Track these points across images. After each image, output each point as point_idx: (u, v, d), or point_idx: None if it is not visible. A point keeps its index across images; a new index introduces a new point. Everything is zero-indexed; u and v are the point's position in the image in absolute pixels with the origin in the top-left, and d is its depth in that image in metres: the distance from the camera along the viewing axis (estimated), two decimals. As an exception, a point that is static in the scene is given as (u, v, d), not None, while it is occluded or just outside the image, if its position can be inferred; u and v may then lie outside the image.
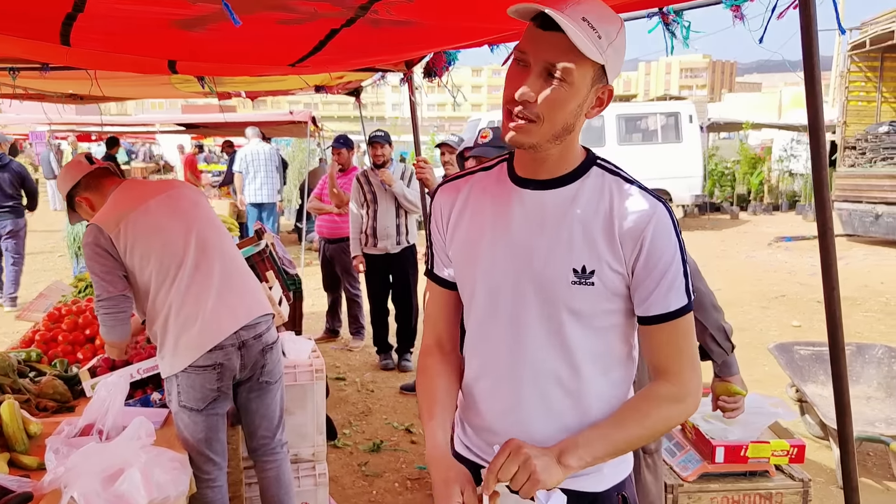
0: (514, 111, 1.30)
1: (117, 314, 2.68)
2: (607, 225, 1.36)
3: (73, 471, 2.25)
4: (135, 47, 2.18)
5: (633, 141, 14.09)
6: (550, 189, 1.40)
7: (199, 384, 2.68)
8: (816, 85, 1.14)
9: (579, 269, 1.36)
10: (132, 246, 2.64)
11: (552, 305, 1.39)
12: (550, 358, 1.41)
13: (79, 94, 5.32)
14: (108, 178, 2.85)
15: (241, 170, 9.73)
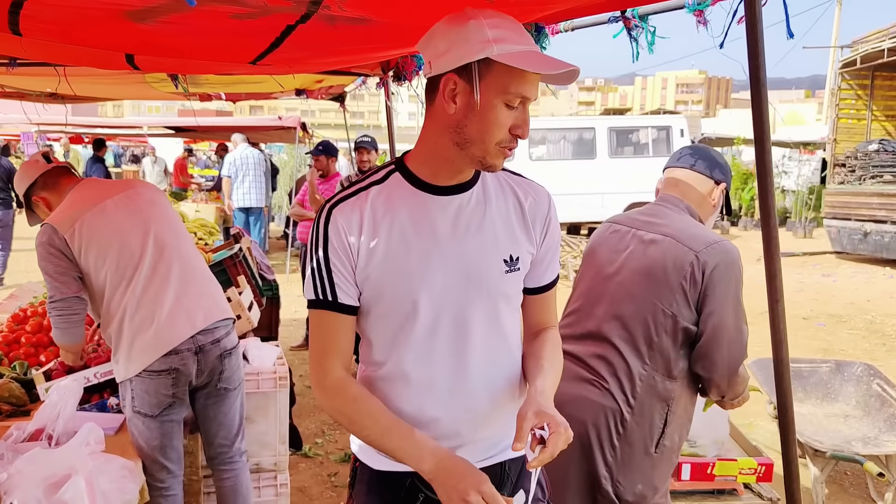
0: (513, 146, 1.40)
1: (70, 316, 2.61)
2: (519, 213, 1.53)
3: (15, 477, 2.19)
4: (89, 39, 2.12)
5: (624, 154, 14.09)
6: (464, 192, 1.49)
7: (154, 389, 2.60)
8: (762, 88, 1.09)
9: (508, 259, 1.50)
10: (87, 247, 2.57)
11: (491, 299, 1.50)
12: (494, 347, 1.54)
13: (59, 94, 5.27)
14: (66, 177, 2.79)
15: (230, 174, 9.69)
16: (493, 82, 1.32)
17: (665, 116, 16.43)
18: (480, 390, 1.53)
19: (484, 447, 1.56)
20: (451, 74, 1.35)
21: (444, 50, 1.35)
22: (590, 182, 13.35)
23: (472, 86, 1.33)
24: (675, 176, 2.28)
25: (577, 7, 1.85)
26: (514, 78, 1.32)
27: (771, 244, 1.11)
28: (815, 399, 4.42)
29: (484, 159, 1.39)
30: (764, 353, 6.55)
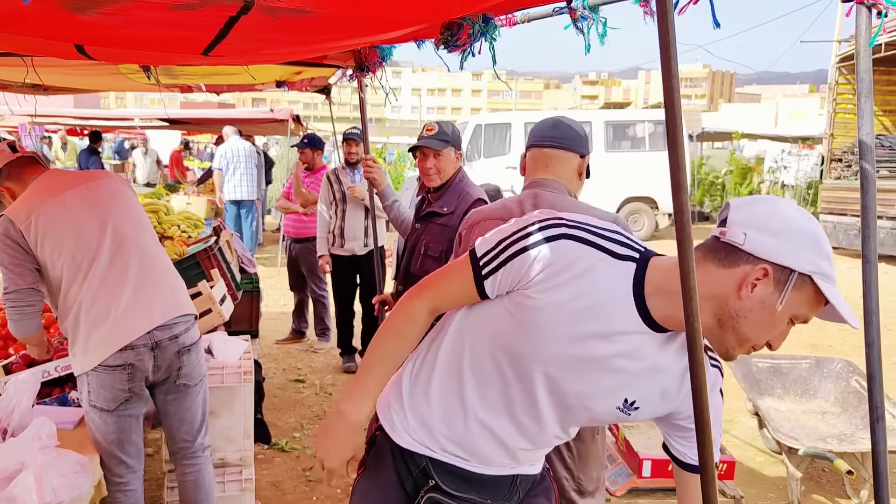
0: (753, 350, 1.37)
1: (24, 308, 2.59)
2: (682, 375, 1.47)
3: (-36, 471, 2.17)
4: (33, 28, 2.10)
5: (620, 148, 14.03)
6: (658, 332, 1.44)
7: (110, 384, 2.58)
8: (674, 79, 1.06)
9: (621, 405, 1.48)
10: (43, 238, 2.55)
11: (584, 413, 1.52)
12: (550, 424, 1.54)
13: (41, 85, 5.24)
14: (32, 167, 2.77)
15: (221, 167, 9.66)
16: (798, 299, 1.26)
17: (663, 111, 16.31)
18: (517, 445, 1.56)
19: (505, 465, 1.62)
20: (768, 265, 1.26)
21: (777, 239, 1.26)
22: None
23: (782, 291, 1.25)
24: (546, 155, 2.26)
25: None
26: (814, 304, 1.27)
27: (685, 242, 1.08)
28: (794, 395, 4.40)
29: (733, 349, 1.33)
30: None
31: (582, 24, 1.87)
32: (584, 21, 1.88)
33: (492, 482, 1.61)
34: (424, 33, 2.29)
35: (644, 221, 14.00)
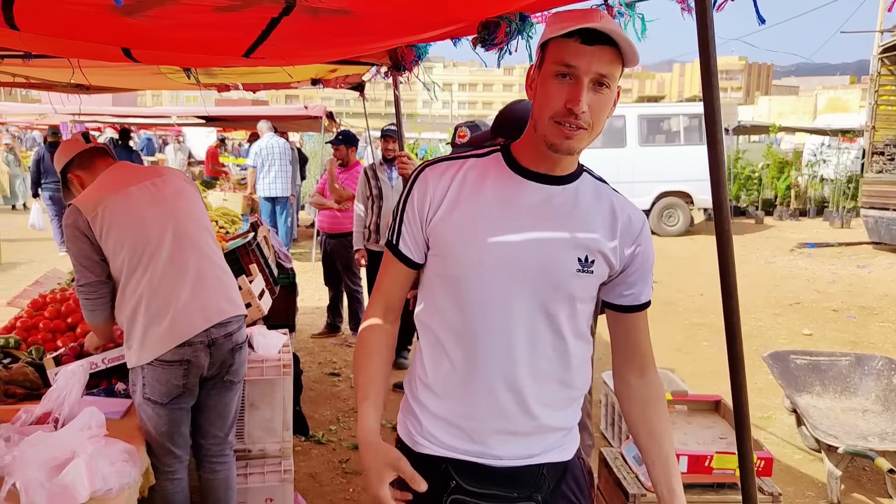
0: (570, 122, 1.40)
1: (97, 300, 2.66)
2: (610, 222, 1.53)
3: (18, 459, 2.25)
4: (82, 33, 2.17)
5: (655, 142, 13.89)
6: (558, 185, 1.51)
7: (165, 379, 2.64)
8: (713, 77, 1.07)
9: (583, 259, 1.49)
10: (108, 231, 2.59)
11: (553, 291, 1.49)
12: (545, 341, 1.52)
13: (84, 84, 5.38)
14: (101, 158, 2.82)
15: (255, 164, 9.78)
16: (550, 58, 1.41)
17: (698, 104, 16.09)
18: (521, 379, 1.51)
19: (524, 444, 1.55)
20: (532, 66, 1.49)
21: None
22: (619, 171, 13.20)
23: (539, 65, 1.45)
24: None
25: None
26: (563, 49, 1.38)
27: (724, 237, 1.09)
28: (834, 393, 4.34)
29: (545, 137, 1.43)
30: (793, 345, 6.45)
31: (619, 20, 1.87)
32: (620, 17, 1.89)
33: (515, 475, 1.55)
34: (461, 31, 2.31)
35: (679, 216, 13.84)
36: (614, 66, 1.40)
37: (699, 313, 7.96)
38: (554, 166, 1.50)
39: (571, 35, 1.37)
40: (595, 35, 1.36)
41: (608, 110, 1.45)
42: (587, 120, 1.40)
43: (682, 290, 9.08)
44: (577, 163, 1.56)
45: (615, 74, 1.41)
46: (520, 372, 1.50)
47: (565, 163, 1.51)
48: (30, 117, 15.70)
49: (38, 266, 9.46)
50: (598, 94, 1.40)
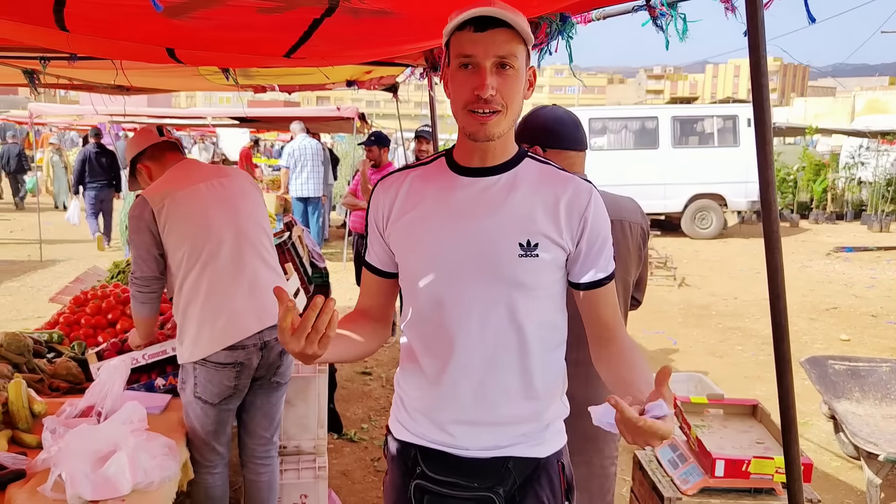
0: (481, 108, 1.44)
1: (148, 293, 2.70)
2: (552, 202, 1.51)
3: (64, 451, 2.30)
4: (129, 34, 2.22)
5: (688, 144, 13.73)
6: (492, 175, 1.54)
7: (217, 380, 2.67)
8: (763, 78, 1.06)
9: (525, 244, 1.49)
10: (172, 225, 2.63)
11: (499, 281, 1.51)
12: (499, 331, 1.53)
13: (123, 86, 5.48)
14: (172, 152, 2.85)
15: (288, 165, 9.89)
16: (452, 53, 1.47)
17: (732, 105, 15.89)
18: (477, 368, 1.54)
19: (488, 435, 1.57)
20: (443, 67, 1.54)
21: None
22: (652, 173, 13.08)
23: (447, 64, 1.50)
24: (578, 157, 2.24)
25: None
26: (460, 41, 1.44)
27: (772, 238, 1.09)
28: (874, 400, 4.25)
29: (464, 128, 1.48)
30: (829, 351, 6.34)
31: (661, 20, 1.86)
32: (662, 18, 1.88)
33: (480, 466, 1.57)
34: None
35: (712, 219, 13.66)
36: (512, 45, 1.42)
37: (733, 317, 7.85)
38: (485, 157, 1.54)
39: (464, 26, 1.42)
40: (486, 20, 1.40)
41: (520, 89, 1.47)
42: (499, 102, 1.43)
43: (715, 294, 8.97)
44: (517, 150, 1.58)
45: (516, 53, 1.43)
46: (474, 361, 1.54)
47: (496, 151, 1.53)
48: (68, 118, 16.04)
49: (77, 263, 9.67)
50: (503, 76, 1.43)
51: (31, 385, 2.85)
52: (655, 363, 6.25)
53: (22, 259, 10.25)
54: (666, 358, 6.41)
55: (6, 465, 2.33)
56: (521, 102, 1.50)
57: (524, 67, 1.47)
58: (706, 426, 3.00)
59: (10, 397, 2.64)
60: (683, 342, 6.89)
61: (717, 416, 3.09)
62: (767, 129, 1.17)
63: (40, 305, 7.35)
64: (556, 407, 1.64)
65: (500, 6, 1.41)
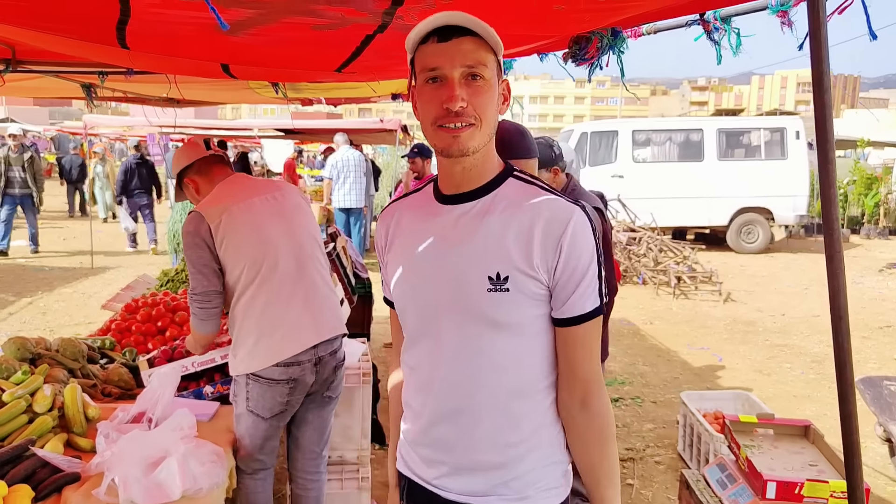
0: (452, 122, 1.34)
1: (210, 309, 2.67)
2: (527, 229, 1.37)
3: (117, 456, 2.36)
4: (186, 50, 2.28)
5: (734, 156, 13.50)
6: (469, 202, 1.44)
7: (271, 395, 2.68)
8: (826, 94, 1.04)
9: (494, 277, 1.38)
10: (230, 240, 2.63)
11: (468, 316, 1.41)
12: (473, 370, 1.43)
13: (174, 98, 5.63)
14: (220, 166, 2.85)
15: (331, 176, 10.02)
16: (417, 68, 1.39)
17: (780, 118, 15.57)
18: (452, 411, 1.46)
19: (466, 479, 1.47)
20: (410, 86, 1.45)
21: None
22: (696, 185, 12.89)
23: (414, 82, 1.43)
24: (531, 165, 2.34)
25: (654, 11, 1.81)
26: (425, 55, 1.36)
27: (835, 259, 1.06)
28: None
29: (436, 145, 1.39)
30: (883, 371, 6.15)
31: (715, 34, 1.85)
32: (716, 32, 1.86)
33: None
34: (548, 47, 2.32)
35: (759, 233, 13.39)
36: (480, 53, 1.33)
37: (780, 334, 7.67)
38: (463, 180, 1.43)
39: (427, 39, 1.35)
40: (449, 30, 1.32)
41: (493, 101, 1.37)
42: (471, 114, 1.34)
43: (762, 310, 8.78)
44: (500, 170, 1.46)
45: (485, 61, 1.34)
46: (450, 402, 1.45)
47: (474, 172, 1.43)
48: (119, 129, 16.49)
49: (126, 271, 9.92)
50: (473, 87, 1.33)
51: (84, 390, 2.93)
52: (700, 380, 6.14)
53: (74, 266, 10.55)
54: (711, 374, 6.29)
55: (62, 468, 2.39)
56: (496, 116, 1.39)
57: (496, 78, 1.37)
58: (756, 446, 2.93)
59: (67, 402, 2.72)
60: (729, 359, 6.75)
61: (767, 436, 3.02)
62: (830, 147, 1.15)
63: (91, 311, 7.54)
64: (541, 457, 1.47)
65: (462, 15, 1.32)
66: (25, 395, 2.66)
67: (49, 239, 12.91)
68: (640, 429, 4.96)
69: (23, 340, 3.19)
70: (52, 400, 2.70)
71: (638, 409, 5.37)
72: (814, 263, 12.40)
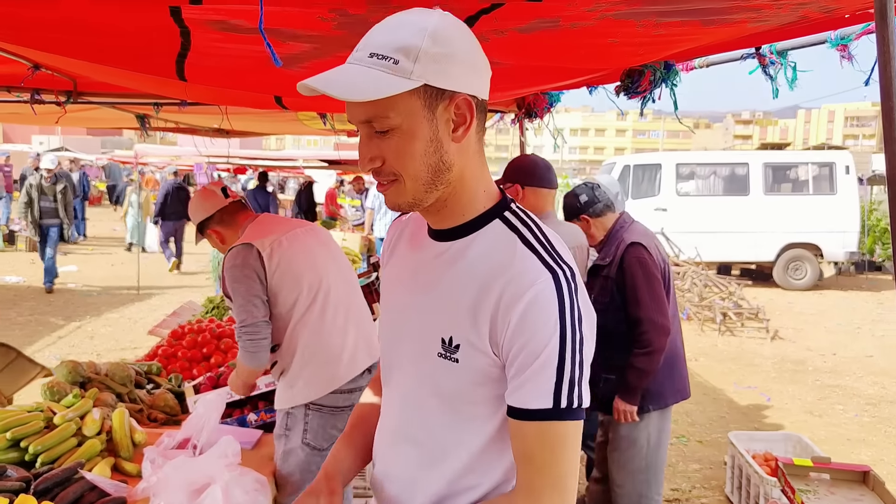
0: (377, 180, 1.18)
1: (260, 340, 2.60)
2: (482, 293, 1.14)
3: (163, 481, 2.38)
4: (242, 83, 2.34)
5: (780, 191, 13.27)
6: (447, 240, 1.23)
7: (332, 424, 2.64)
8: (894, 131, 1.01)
9: (446, 340, 1.18)
10: (285, 265, 2.63)
11: (419, 375, 1.25)
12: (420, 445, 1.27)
13: (224, 129, 5.77)
14: (243, 212, 2.84)
15: (373, 206, 10.12)
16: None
17: (829, 152, 15.28)
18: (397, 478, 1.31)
19: None
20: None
21: None
22: (742, 220, 12.68)
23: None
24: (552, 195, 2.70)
25: (709, 45, 1.80)
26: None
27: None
28: None
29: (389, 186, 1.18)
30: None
31: (770, 69, 1.82)
32: (772, 66, 1.84)
33: None
34: (598, 80, 2.32)
35: (807, 269, 13.07)
36: (378, 103, 1.07)
37: (832, 374, 7.43)
38: (434, 220, 1.24)
39: None
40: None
41: (414, 149, 1.11)
42: (389, 171, 1.13)
43: (811, 349, 8.53)
44: (487, 205, 1.21)
45: (386, 109, 1.08)
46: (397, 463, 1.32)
47: (445, 214, 1.21)
48: (168, 158, 16.94)
49: (171, 296, 10.10)
50: (384, 139, 1.11)
51: (131, 415, 2.97)
52: (748, 420, 5.96)
53: (121, 291, 10.79)
54: (759, 414, 6.11)
55: (109, 491, 2.41)
56: (431, 159, 1.13)
57: (422, 112, 1.10)
58: (811, 491, 2.83)
59: (114, 426, 2.75)
60: (778, 399, 6.56)
61: (822, 480, 2.91)
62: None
63: (137, 336, 7.69)
64: None
65: (357, 55, 1.11)
66: (75, 419, 2.70)
67: (97, 264, 13.26)
68: (685, 469, 4.83)
69: (74, 364, 3.26)
70: (100, 424, 2.73)
71: (683, 448, 5.23)
72: (864, 302, 12.05)
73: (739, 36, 1.75)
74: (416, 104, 1.10)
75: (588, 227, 3.13)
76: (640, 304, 2.91)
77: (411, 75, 1.07)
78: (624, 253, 2.98)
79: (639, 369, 2.92)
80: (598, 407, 3.13)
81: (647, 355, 2.91)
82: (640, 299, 2.91)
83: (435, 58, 1.08)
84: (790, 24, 1.58)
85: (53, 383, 3.06)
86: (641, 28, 1.56)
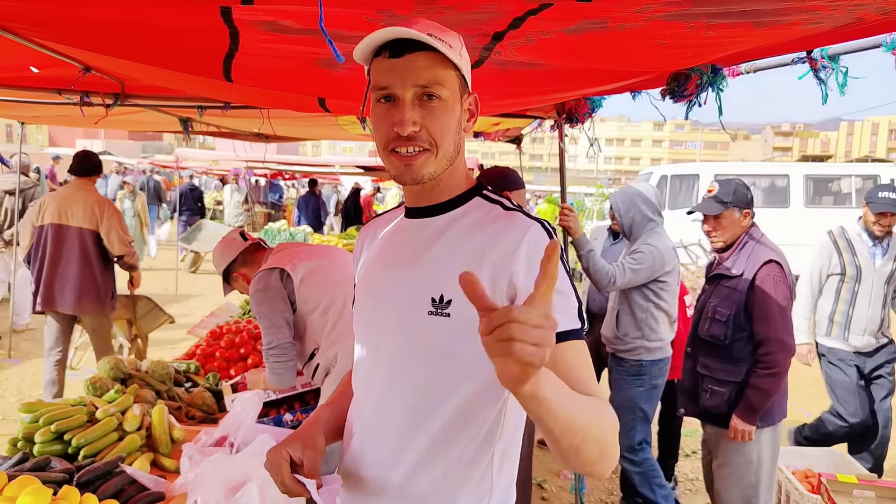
0: (404, 147, 1.23)
1: (287, 362, 2.72)
2: (476, 252, 1.23)
3: (200, 478, 2.40)
4: (287, 84, 2.36)
5: (822, 204, 13.01)
6: (429, 217, 1.34)
7: None
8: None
9: (437, 299, 1.24)
10: (312, 280, 2.71)
11: (408, 341, 1.28)
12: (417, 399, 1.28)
13: (264, 133, 5.85)
14: (261, 251, 2.97)
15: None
16: (371, 83, 1.27)
17: (873, 165, 14.96)
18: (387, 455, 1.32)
19: None
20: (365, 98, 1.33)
21: None
22: (781, 232, 12.43)
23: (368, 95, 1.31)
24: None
25: (759, 48, 1.77)
26: (376, 71, 1.24)
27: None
28: None
29: (390, 171, 1.28)
30: None
31: (822, 73, 1.79)
32: (823, 70, 1.80)
33: None
34: (642, 84, 2.30)
35: (848, 284, 12.76)
36: (437, 70, 1.20)
37: (875, 391, 7.23)
38: (422, 198, 1.34)
39: (380, 53, 1.22)
40: (402, 44, 1.19)
41: (451, 123, 1.24)
42: (425, 139, 1.21)
43: (853, 364, 8.31)
44: (469, 187, 1.34)
45: (442, 80, 1.21)
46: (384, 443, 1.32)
47: (434, 192, 1.32)
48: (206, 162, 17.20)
49: (208, 298, 10.24)
50: (428, 108, 1.21)
51: (170, 412, 3.01)
52: (788, 435, 5.83)
53: (160, 292, 10.97)
54: (799, 430, 5.96)
55: (148, 486, 2.45)
56: (456, 138, 1.27)
57: (458, 96, 1.25)
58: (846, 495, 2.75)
59: (154, 422, 2.80)
60: (818, 415, 6.40)
61: (867, 498, 2.83)
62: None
63: (175, 336, 7.79)
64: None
65: (422, 25, 1.20)
66: (117, 414, 2.75)
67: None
68: (722, 483, 4.73)
69: (117, 361, 3.32)
70: (140, 419, 2.78)
71: (720, 462, 5.12)
72: (909, 318, 11.71)
73: (791, 39, 1.71)
74: (457, 87, 1.26)
75: (742, 221, 3.10)
76: (771, 322, 2.87)
77: (459, 60, 1.24)
78: (759, 269, 2.94)
79: (763, 391, 2.88)
80: (702, 417, 3.10)
81: (772, 377, 2.88)
82: (771, 318, 2.87)
83: (465, 58, 1.28)
84: (844, 27, 1.55)
85: (96, 379, 3.12)
86: (691, 30, 1.55)
